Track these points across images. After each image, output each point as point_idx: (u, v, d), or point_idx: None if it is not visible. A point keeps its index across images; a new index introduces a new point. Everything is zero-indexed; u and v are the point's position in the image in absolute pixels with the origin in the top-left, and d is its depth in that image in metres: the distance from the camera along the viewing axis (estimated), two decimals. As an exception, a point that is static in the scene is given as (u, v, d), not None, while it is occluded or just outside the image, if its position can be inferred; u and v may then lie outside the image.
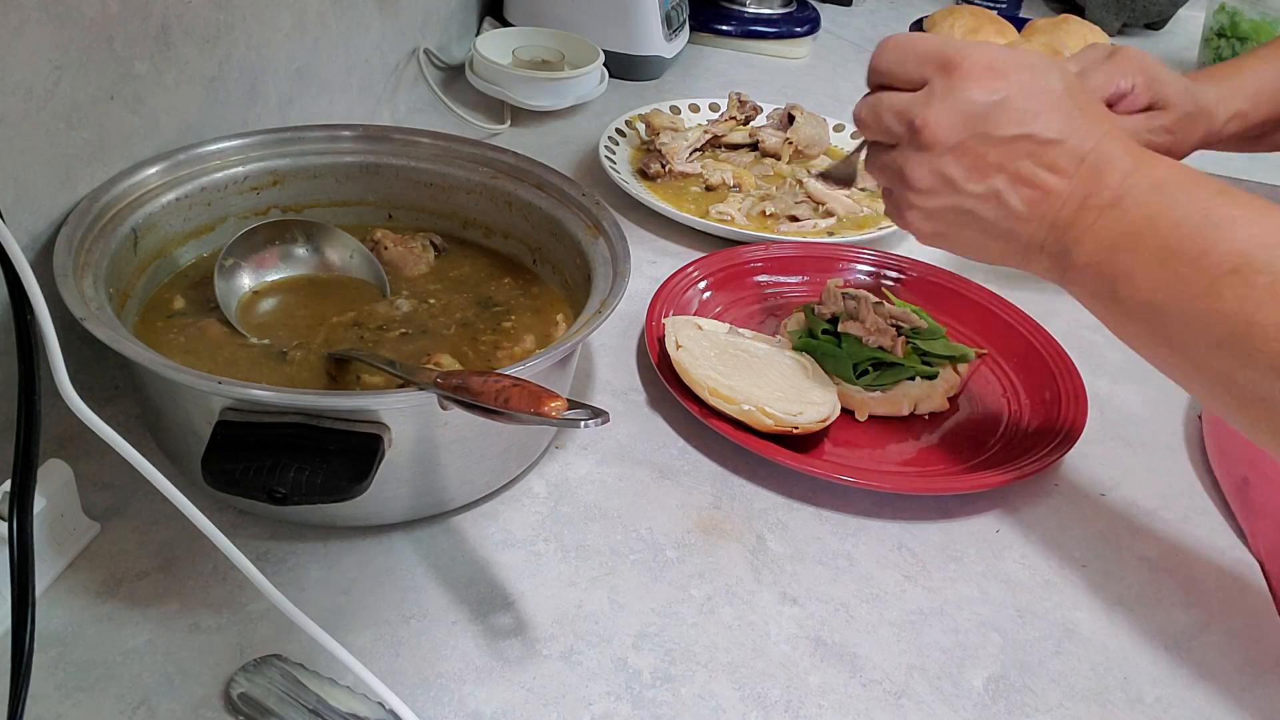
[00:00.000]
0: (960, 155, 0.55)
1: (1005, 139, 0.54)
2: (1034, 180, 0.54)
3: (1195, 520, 0.70)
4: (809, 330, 0.79)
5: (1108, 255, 0.52)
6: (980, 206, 0.55)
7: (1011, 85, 0.54)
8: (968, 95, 0.54)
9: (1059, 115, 0.53)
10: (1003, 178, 0.54)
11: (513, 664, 0.54)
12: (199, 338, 0.65)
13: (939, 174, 0.56)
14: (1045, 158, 0.53)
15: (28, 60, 0.57)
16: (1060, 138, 0.53)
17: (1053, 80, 0.54)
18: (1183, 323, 0.50)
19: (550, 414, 0.46)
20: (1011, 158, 0.54)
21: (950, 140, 0.55)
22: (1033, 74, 0.54)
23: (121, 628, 0.53)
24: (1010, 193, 0.54)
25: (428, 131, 0.78)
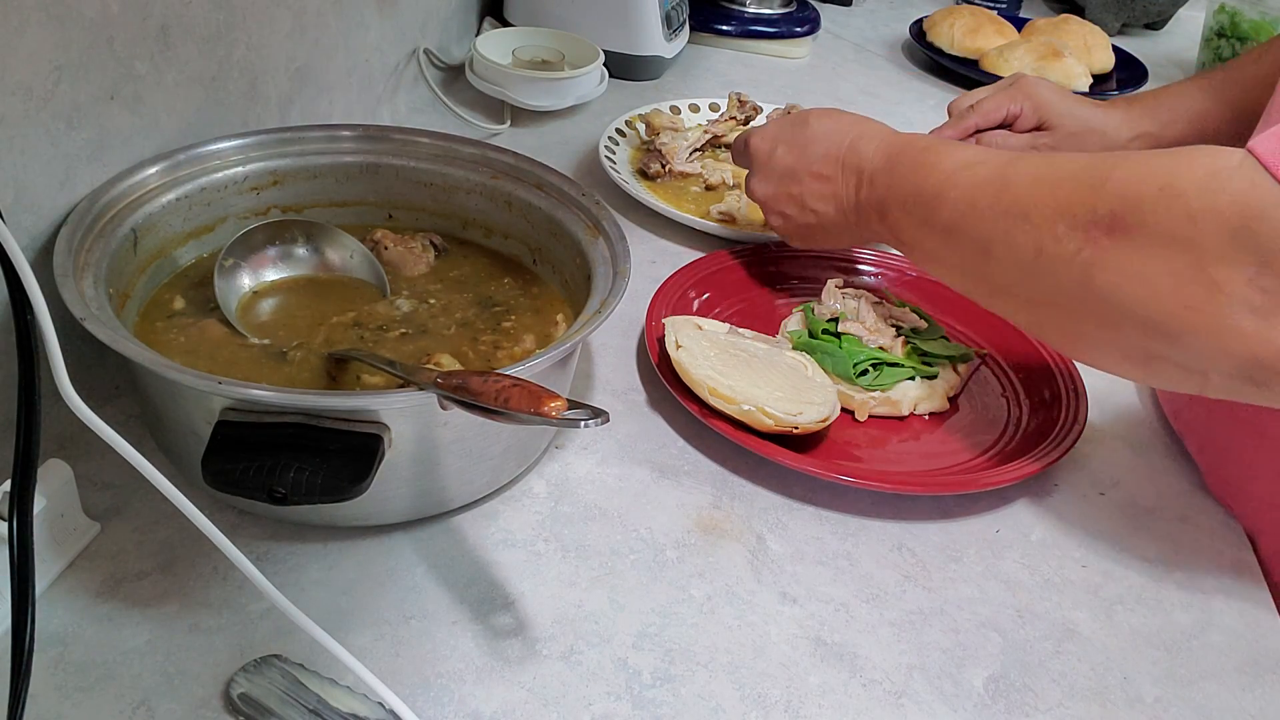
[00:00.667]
0: (777, 199, 0.78)
1: (791, 173, 0.77)
2: (821, 191, 0.75)
3: (1195, 520, 0.70)
4: (809, 330, 0.79)
5: (883, 215, 0.70)
6: (807, 218, 0.77)
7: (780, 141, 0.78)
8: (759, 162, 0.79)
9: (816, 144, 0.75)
10: (806, 197, 0.76)
11: (513, 664, 0.54)
12: (199, 338, 0.65)
13: (776, 213, 0.79)
14: (818, 173, 0.75)
15: (28, 60, 0.57)
16: (822, 156, 0.75)
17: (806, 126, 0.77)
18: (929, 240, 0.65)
19: (550, 414, 0.46)
20: (801, 183, 0.76)
21: (765, 193, 0.79)
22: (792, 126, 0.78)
23: (121, 628, 0.53)
24: (814, 202, 0.76)
25: (428, 131, 0.78)
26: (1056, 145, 0.90)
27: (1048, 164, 0.58)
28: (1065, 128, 0.90)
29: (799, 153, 0.76)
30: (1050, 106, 0.90)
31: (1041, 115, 0.91)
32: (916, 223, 0.66)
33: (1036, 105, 0.91)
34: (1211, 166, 0.50)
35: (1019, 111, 0.91)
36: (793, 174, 0.76)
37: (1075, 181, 0.55)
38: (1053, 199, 0.56)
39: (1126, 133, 0.89)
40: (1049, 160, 0.59)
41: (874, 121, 0.75)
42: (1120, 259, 0.52)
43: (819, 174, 0.75)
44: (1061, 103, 0.91)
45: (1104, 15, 1.67)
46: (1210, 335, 0.50)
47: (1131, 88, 1.41)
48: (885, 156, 0.70)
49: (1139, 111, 0.89)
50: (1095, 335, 0.56)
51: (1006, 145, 0.91)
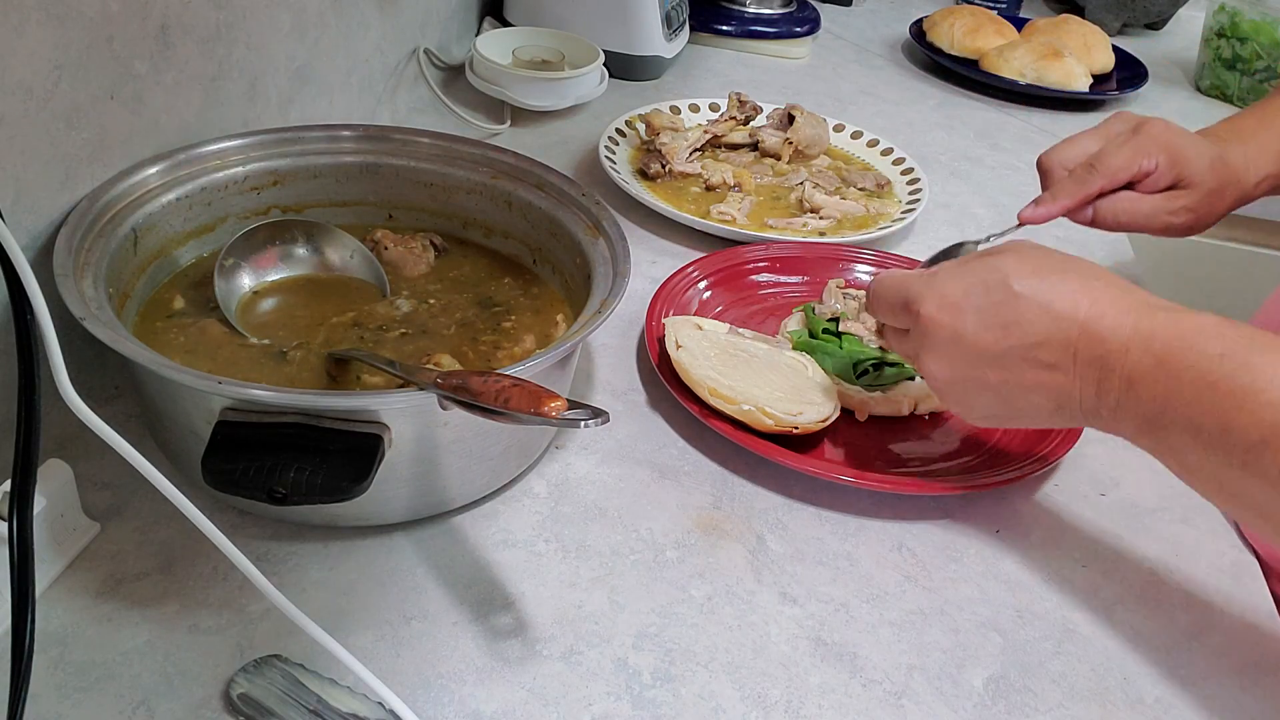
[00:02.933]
0: (966, 384, 0.58)
1: (992, 359, 0.56)
2: (1040, 381, 0.55)
3: (1195, 520, 0.70)
4: (809, 330, 0.79)
5: (1147, 433, 0.53)
6: (1011, 411, 0.58)
7: (969, 312, 0.56)
8: (939, 338, 0.58)
9: (1029, 318, 0.55)
10: (1012, 388, 0.56)
11: (513, 664, 0.54)
12: (199, 338, 0.65)
13: (962, 402, 0.60)
14: (1038, 359, 0.55)
15: (28, 60, 0.57)
16: (1043, 338, 0.54)
17: (1008, 289, 0.55)
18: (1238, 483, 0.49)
19: (550, 414, 0.46)
20: (1009, 370, 0.56)
21: (946, 378, 0.58)
22: (986, 291, 0.56)
23: (121, 628, 0.53)
24: (1026, 396, 0.56)
25: (428, 131, 0.78)
26: (1196, 208, 0.74)
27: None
28: (1206, 185, 0.74)
29: (1002, 331, 0.55)
30: (1189, 160, 0.73)
31: (1179, 172, 0.73)
32: (1222, 464, 0.49)
33: (1174, 160, 0.73)
34: None
35: (1152, 168, 0.73)
36: (996, 359, 0.56)
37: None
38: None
39: (1254, 175, 0.76)
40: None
41: (1106, 277, 0.56)
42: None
43: (1037, 361, 0.55)
44: (1198, 152, 0.74)
45: (1104, 15, 1.67)
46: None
47: (1131, 88, 1.41)
48: (1152, 354, 0.51)
49: (1257, 150, 0.76)
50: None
51: (1136, 211, 0.74)
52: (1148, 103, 1.43)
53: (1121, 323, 0.53)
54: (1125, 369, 0.52)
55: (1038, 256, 0.57)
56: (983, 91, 1.38)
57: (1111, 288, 0.55)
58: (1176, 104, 1.45)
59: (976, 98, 1.37)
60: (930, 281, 0.59)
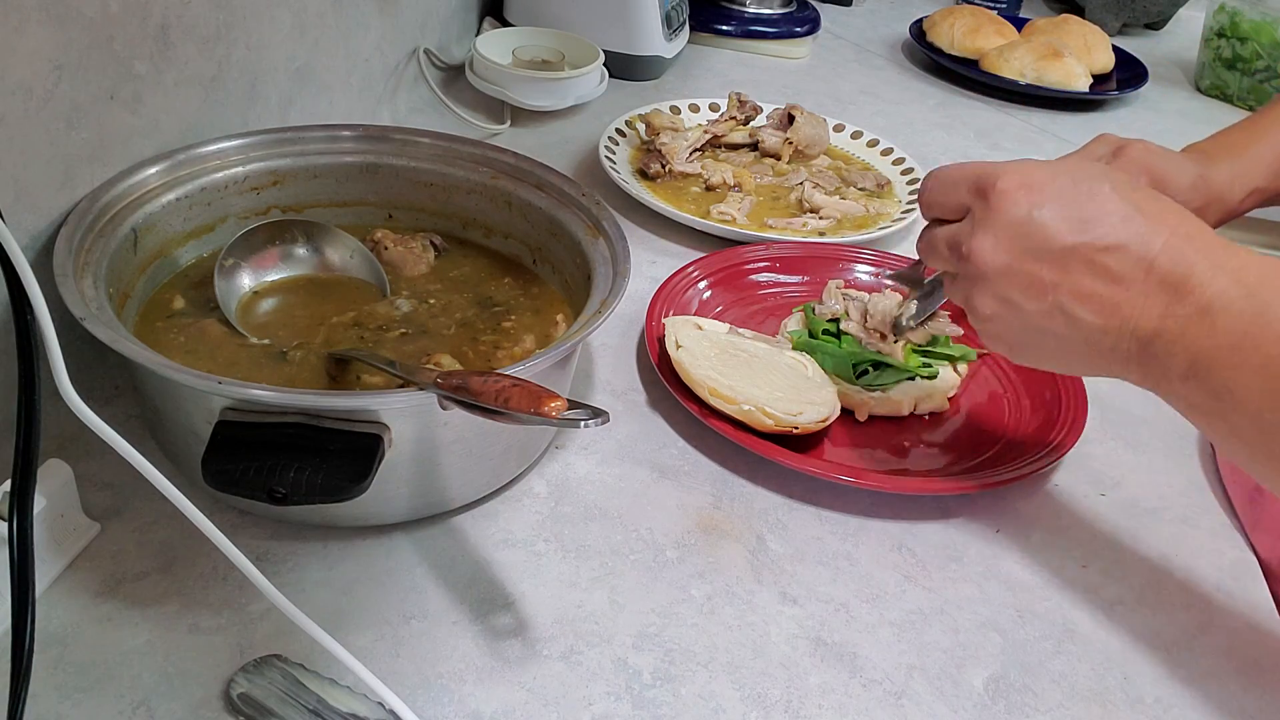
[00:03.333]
0: (1013, 277, 0.52)
1: (1056, 253, 0.51)
2: (1096, 292, 0.50)
3: (1195, 520, 0.70)
4: (809, 330, 0.79)
5: (1205, 370, 0.48)
6: (1048, 324, 0.53)
7: (1050, 197, 0.51)
8: (1007, 217, 0.52)
9: (1112, 219, 0.50)
10: (1063, 293, 0.51)
11: (513, 664, 0.54)
12: (199, 338, 0.65)
13: (999, 298, 0.54)
14: (1105, 267, 0.50)
15: (28, 60, 0.57)
16: (1119, 243, 0.50)
17: (1098, 184, 0.51)
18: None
19: (550, 414, 0.46)
20: (1067, 272, 0.51)
21: (998, 264, 0.53)
22: (1074, 180, 0.52)
23: (121, 628, 0.53)
24: (1076, 307, 0.51)
25: (428, 131, 0.78)
26: None
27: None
28: (1189, 204, 0.69)
29: (1082, 224, 0.51)
30: (1170, 181, 0.72)
31: (1161, 192, 0.73)
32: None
33: (1155, 181, 0.72)
34: None
35: None
36: (1058, 255, 0.51)
37: None
38: None
39: (1239, 193, 0.76)
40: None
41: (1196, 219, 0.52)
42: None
43: (1105, 269, 0.50)
44: (1180, 174, 0.73)
45: (1104, 15, 1.67)
46: None
47: (1132, 88, 1.41)
48: (1243, 284, 0.48)
49: (1245, 165, 0.76)
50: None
51: None
52: (1148, 103, 1.43)
53: (1212, 250, 0.49)
54: (1207, 295, 0.48)
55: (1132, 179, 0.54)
56: (983, 91, 1.38)
57: (1202, 223, 0.51)
58: (1176, 104, 1.45)
59: (976, 98, 1.37)
60: (1013, 162, 0.54)
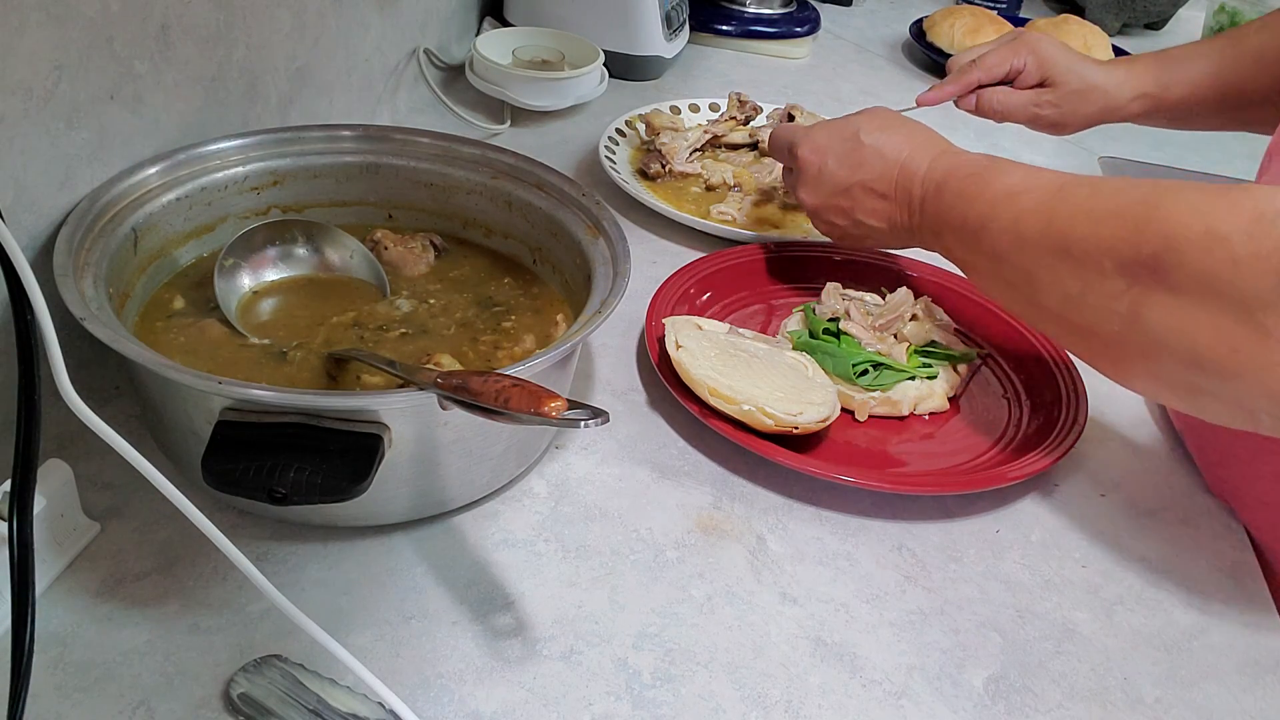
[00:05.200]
0: (825, 210, 0.78)
1: (843, 189, 0.76)
2: (875, 207, 0.75)
3: (1195, 520, 0.70)
4: (809, 330, 0.79)
5: (935, 240, 0.71)
6: (857, 230, 0.77)
7: (831, 154, 0.76)
8: (808, 174, 0.78)
9: (871, 161, 0.74)
10: (857, 212, 0.76)
11: (513, 664, 0.54)
12: (199, 338, 0.65)
13: (824, 220, 0.79)
14: (874, 189, 0.74)
15: (28, 60, 0.57)
16: (877, 175, 0.74)
17: (860, 139, 0.75)
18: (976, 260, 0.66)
19: (550, 414, 0.46)
20: (853, 200, 0.76)
21: (814, 203, 0.79)
22: (843, 139, 0.76)
23: (121, 628, 0.53)
24: (866, 218, 0.76)
25: (428, 131, 0.78)
26: (1059, 103, 0.89)
27: (1094, 195, 0.58)
28: (1068, 85, 0.89)
29: (851, 169, 0.75)
30: (1054, 63, 0.89)
31: (1045, 72, 0.89)
32: (967, 248, 0.66)
33: (1040, 61, 0.89)
34: (1256, 210, 0.49)
35: (1022, 66, 0.89)
36: (844, 189, 0.75)
37: (1120, 219, 0.55)
38: (1097, 236, 0.55)
39: (1128, 92, 0.88)
40: (1095, 191, 0.58)
41: (926, 133, 0.74)
42: (1165, 299, 0.52)
43: (872, 191, 0.74)
44: (1065, 59, 0.89)
45: (1104, 15, 1.67)
46: (1258, 377, 0.50)
47: (1131, 88, 1.41)
48: (935, 180, 0.70)
49: (1141, 71, 0.89)
50: (1142, 368, 0.56)
51: (1008, 102, 0.91)
52: (1148, 103, 1.43)
53: (922, 163, 0.71)
54: (920, 193, 0.71)
55: (884, 116, 0.76)
56: (983, 91, 1.38)
57: (926, 140, 0.73)
58: (1176, 104, 1.45)
59: (976, 98, 1.37)
60: (807, 131, 0.79)
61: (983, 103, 0.92)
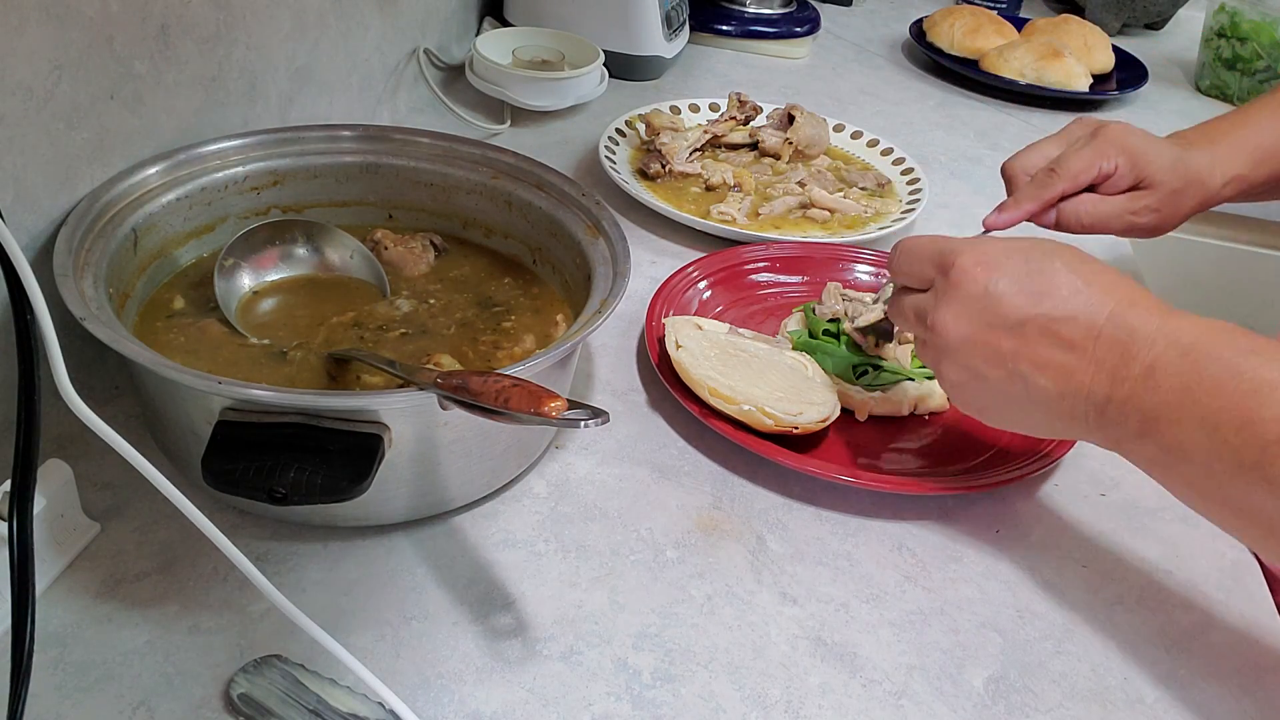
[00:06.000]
0: (975, 347, 0.56)
1: (1013, 324, 0.55)
2: (1052, 360, 0.54)
3: (1195, 520, 0.69)
4: (809, 330, 0.79)
5: (1154, 428, 0.51)
6: (1010, 389, 0.56)
7: (1006, 273, 0.55)
8: (966, 291, 0.56)
9: (1063, 293, 0.54)
10: (1022, 361, 0.55)
11: (513, 664, 0.54)
12: (199, 338, 0.65)
13: (963, 367, 0.57)
14: (1058, 335, 0.54)
15: (28, 60, 0.57)
16: (1070, 314, 0.53)
17: (1049, 261, 0.55)
18: (1244, 489, 0.48)
19: (550, 414, 0.46)
20: (1024, 341, 0.54)
21: (960, 335, 0.56)
22: (1025, 259, 0.56)
23: (121, 628, 0.53)
24: (1033, 374, 0.55)
25: (428, 131, 0.78)
26: (1159, 207, 0.75)
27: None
28: (1167, 185, 0.75)
29: (1035, 297, 0.54)
30: (1149, 160, 0.74)
31: (1140, 172, 0.74)
32: (1228, 461, 0.48)
33: (1134, 161, 0.74)
34: None
35: (1112, 170, 0.74)
36: (1017, 326, 0.55)
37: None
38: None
39: (1219, 179, 0.77)
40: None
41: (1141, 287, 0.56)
42: None
43: (1056, 336, 0.54)
44: (1159, 155, 0.75)
45: (1104, 15, 1.67)
46: None
47: (1131, 88, 1.41)
48: (1178, 346, 0.51)
49: (1226, 151, 0.77)
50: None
51: (1098, 213, 0.75)
52: (1148, 103, 1.43)
53: (1151, 315, 0.52)
54: (1149, 357, 0.51)
55: (1082, 253, 0.57)
56: (983, 91, 1.38)
57: (1144, 292, 0.55)
58: (1176, 104, 1.45)
59: (976, 98, 1.37)
60: (971, 240, 0.59)
61: (1065, 216, 0.75)
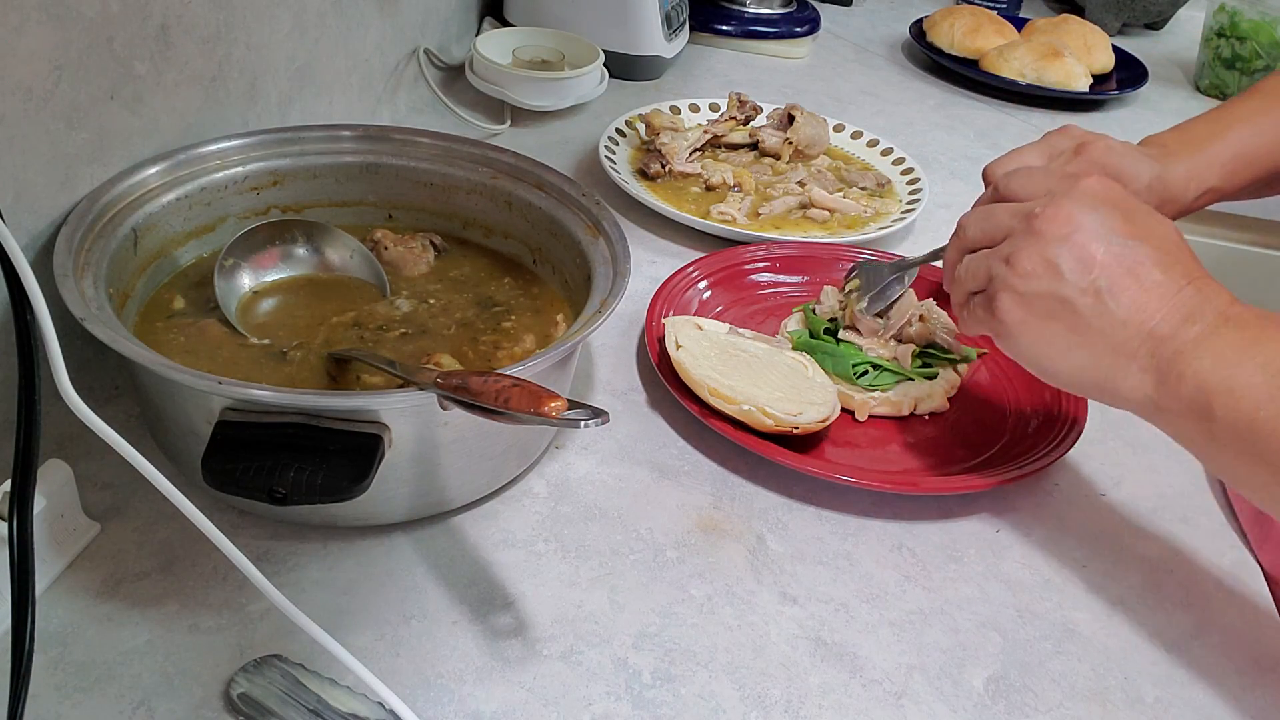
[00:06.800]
0: (1072, 246, 0.55)
1: (1121, 240, 0.54)
2: (1142, 281, 0.54)
3: (1195, 520, 0.70)
4: (809, 330, 0.79)
5: (1210, 370, 0.51)
6: (1079, 299, 0.55)
7: (1133, 205, 0.57)
8: (1092, 197, 0.56)
9: (1168, 244, 0.55)
10: (1109, 274, 0.54)
11: (513, 664, 0.54)
12: (199, 338, 0.65)
13: (1046, 260, 0.55)
14: (1152, 270, 0.54)
15: (28, 60, 0.57)
16: (1173, 257, 0.54)
17: (1155, 219, 0.56)
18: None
19: (550, 414, 0.46)
20: (1122, 257, 0.54)
21: (1065, 230, 0.55)
22: (1137, 206, 0.57)
23: (121, 628, 0.53)
24: (1113, 291, 0.54)
25: (428, 131, 0.78)
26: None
27: None
28: (1147, 202, 0.73)
29: (1143, 230, 0.55)
30: (1129, 181, 0.75)
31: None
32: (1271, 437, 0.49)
33: (1114, 179, 0.74)
34: None
35: None
36: (1122, 242, 0.55)
37: None
38: None
39: (1193, 192, 0.77)
40: None
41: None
42: None
43: (1151, 270, 0.54)
44: (1134, 173, 0.75)
45: (1104, 15, 1.67)
46: None
47: (1131, 88, 1.41)
48: (1252, 311, 0.52)
49: (1203, 162, 0.77)
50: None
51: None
52: (1148, 103, 1.43)
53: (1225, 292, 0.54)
54: (1227, 311, 0.52)
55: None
56: (983, 91, 1.38)
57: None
58: (1176, 104, 1.45)
59: (976, 98, 1.37)
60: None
61: None
